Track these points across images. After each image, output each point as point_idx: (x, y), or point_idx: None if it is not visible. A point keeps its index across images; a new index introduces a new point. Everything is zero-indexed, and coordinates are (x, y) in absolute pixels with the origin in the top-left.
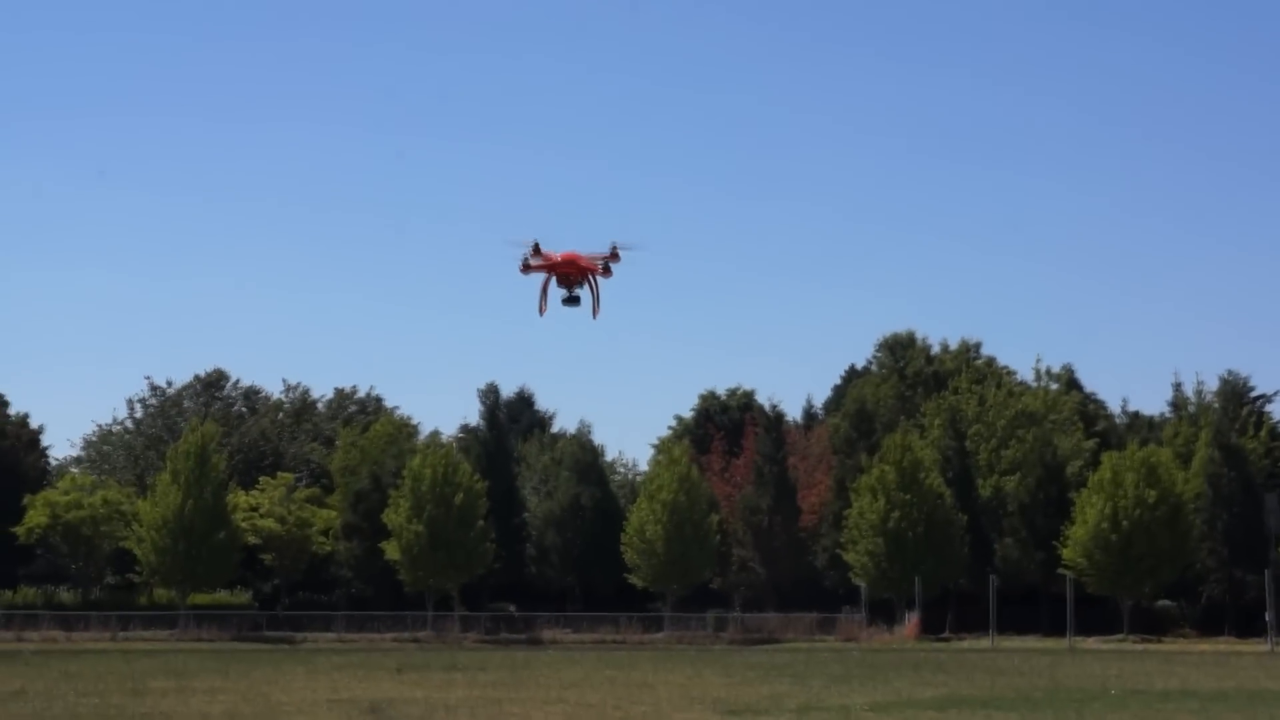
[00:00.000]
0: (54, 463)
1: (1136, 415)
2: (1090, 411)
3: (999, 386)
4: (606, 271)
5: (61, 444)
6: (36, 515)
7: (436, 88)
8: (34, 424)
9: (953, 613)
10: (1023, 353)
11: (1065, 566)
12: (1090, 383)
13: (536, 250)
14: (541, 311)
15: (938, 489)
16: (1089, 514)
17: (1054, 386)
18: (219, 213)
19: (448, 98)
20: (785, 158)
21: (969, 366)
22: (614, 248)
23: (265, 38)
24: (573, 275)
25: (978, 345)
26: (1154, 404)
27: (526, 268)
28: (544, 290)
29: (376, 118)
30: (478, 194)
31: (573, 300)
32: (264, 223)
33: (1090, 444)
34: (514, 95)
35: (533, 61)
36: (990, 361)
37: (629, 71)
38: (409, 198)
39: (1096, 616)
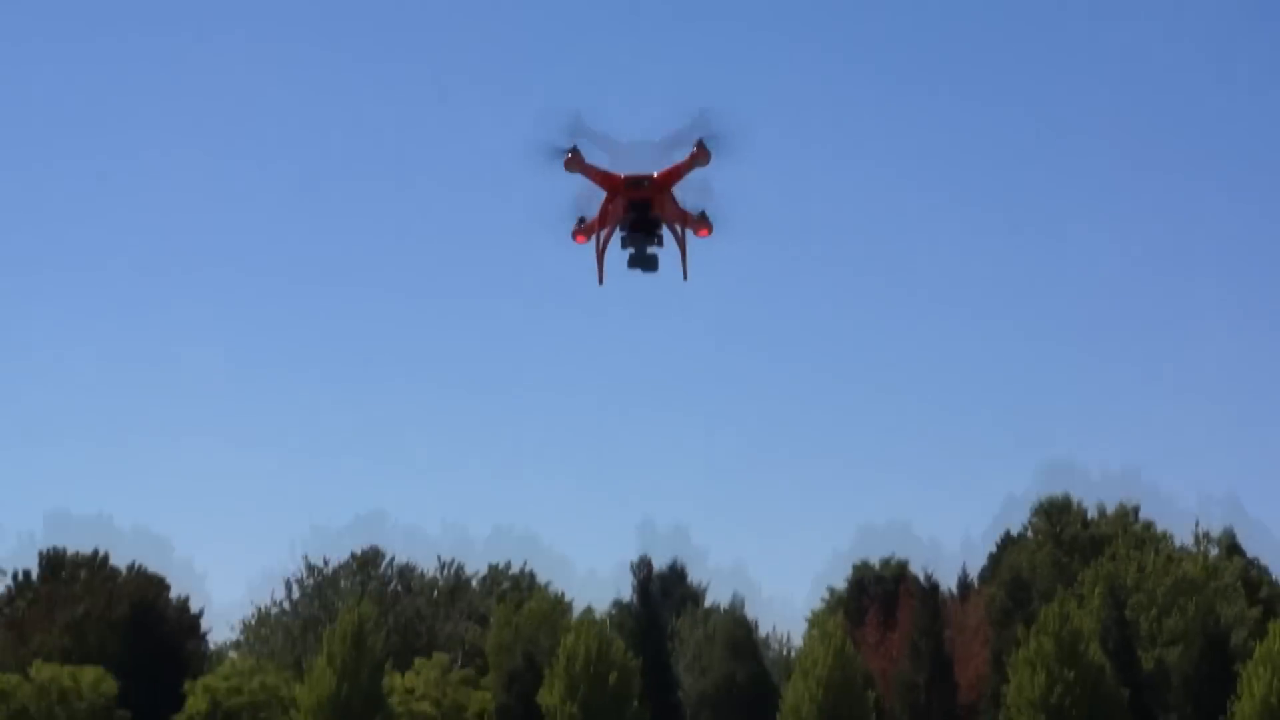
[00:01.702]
0: (213, 646)
1: None
2: (1254, 578)
3: (1158, 552)
4: (703, 225)
5: (221, 627)
6: (197, 702)
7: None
8: (194, 608)
9: None
10: (1182, 516)
11: None
12: (1252, 548)
13: (577, 157)
14: (600, 279)
15: (1098, 662)
16: (1255, 687)
17: (1215, 551)
18: (370, 391)
19: None
20: (931, 327)
21: (1126, 531)
22: (700, 143)
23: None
24: (648, 208)
25: (1135, 509)
26: None
27: (581, 229)
28: (602, 247)
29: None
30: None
31: (645, 261)
32: (413, 396)
33: (1255, 612)
34: None
35: None
36: (1149, 526)
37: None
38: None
39: None
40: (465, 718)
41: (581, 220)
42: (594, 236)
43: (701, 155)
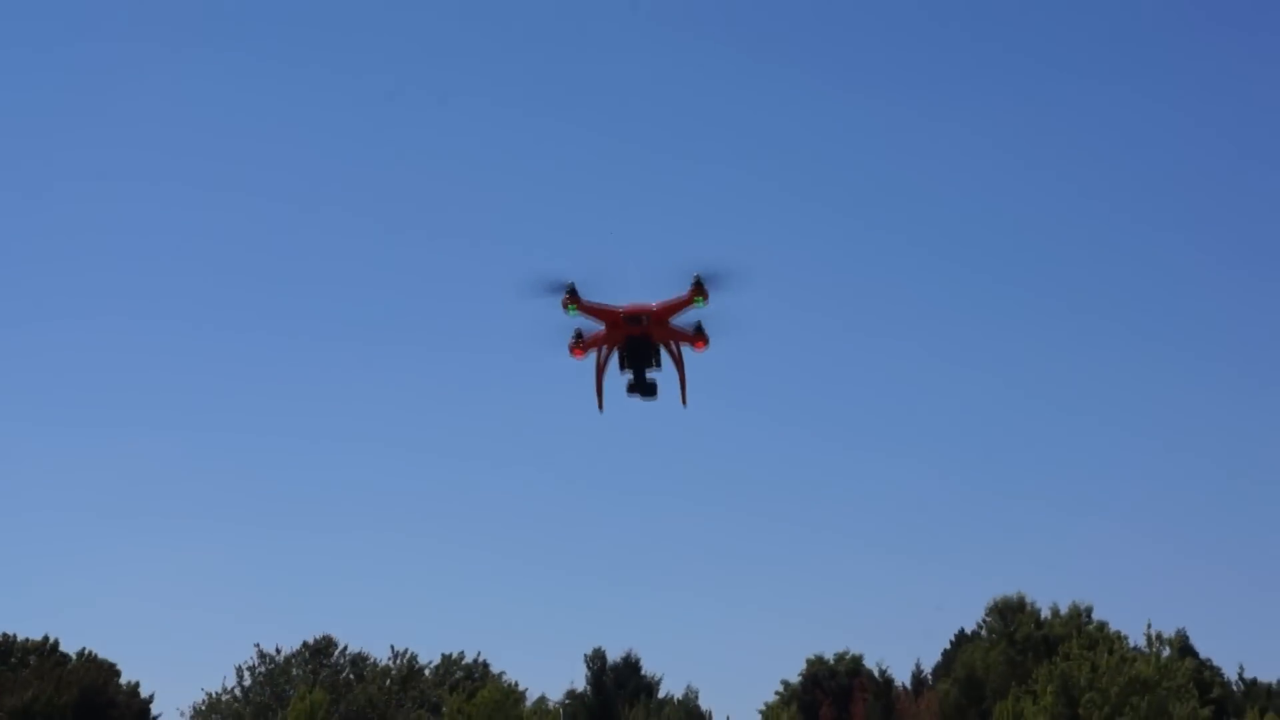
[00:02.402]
0: None
1: (1254, 683)
2: (1206, 679)
3: (1111, 652)
4: (700, 339)
5: (171, 713)
6: None
7: None
8: (144, 693)
9: None
10: (1134, 617)
11: None
12: (1204, 648)
13: (574, 296)
14: (600, 405)
15: None
16: None
17: (1167, 652)
18: (320, 478)
19: None
20: (890, 420)
21: (1080, 632)
22: (697, 280)
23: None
24: (646, 340)
25: (1089, 609)
26: (1272, 671)
27: (579, 344)
28: (601, 371)
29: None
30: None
31: (644, 388)
32: (366, 486)
33: (1206, 713)
34: None
35: None
36: (1102, 626)
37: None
38: (508, 449)
39: None
40: None
41: (579, 335)
42: (594, 356)
43: (700, 294)
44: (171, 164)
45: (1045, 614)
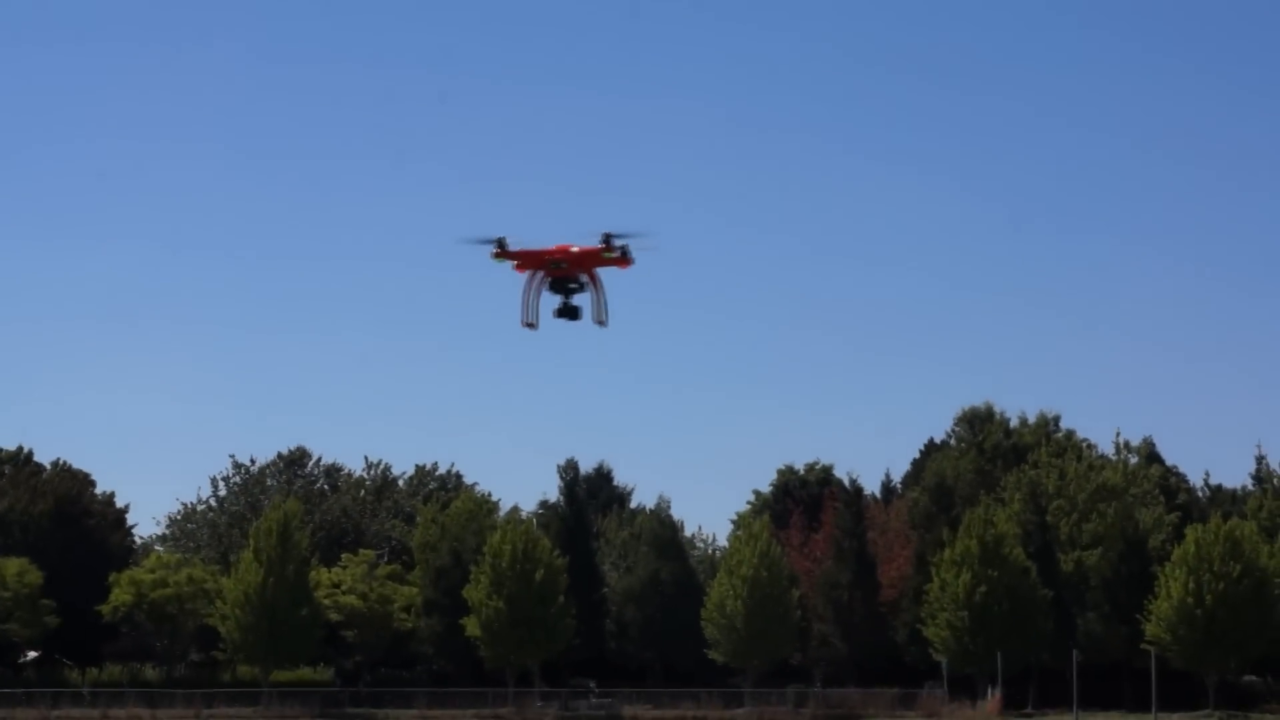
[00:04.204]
0: (139, 541)
1: (1219, 488)
2: (1172, 485)
3: (1079, 460)
4: (624, 260)
5: (147, 522)
6: (122, 593)
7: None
8: (120, 503)
9: (1035, 688)
10: (1102, 425)
11: (1149, 642)
12: (1171, 455)
13: (503, 248)
14: (531, 323)
15: (1021, 563)
16: (1173, 588)
17: (1134, 460)
18: (297, 290)
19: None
20: (863, 230)
21: (1049, 440)
22: (606, 237)
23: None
24: (569, 273)
25: (1057, 418)
26: (1236, 477)
27: (503, 252)
28: (529, 293)
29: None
30: None
31: (569, 311)
32: (342, 299)
33: (1172, 518)
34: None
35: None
36: (1070, 435)
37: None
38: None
39: (1181, 692)
40: (392, 610)
41: (500, 242)
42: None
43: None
44: None
45: (1014, 423)
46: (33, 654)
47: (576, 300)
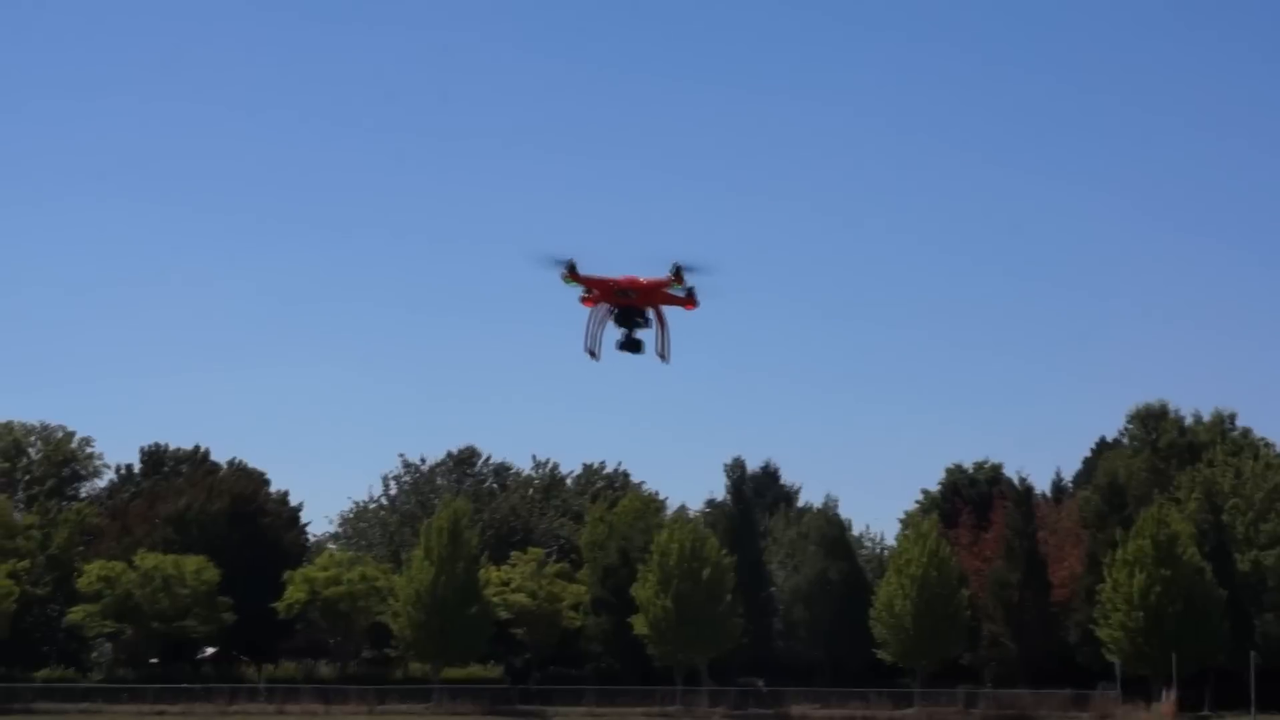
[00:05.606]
0: (312, 539)
1: None
2: None
3: (1256, 458)
4: (690, 302)
5: (320, 521)
6: (296, 591)
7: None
8: (293, 501)
9: (1211, 690)
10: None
11: None
12: None
13: (573, 272)
14: (595, 354)
15: (1196, 563)
16: None
17: None
18: (467, 290)
19: None
20: (1031, 237)
21: (1224, 438)
22: (676, 269)
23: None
24: (635, 306)
25: (1233, 416)
26: None
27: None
28: (593, 321)
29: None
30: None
31: (633, 345)
32: (510, 299)
33: None
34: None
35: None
36: (1246, 433)
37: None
38: None
39: None
40: (560, 608)
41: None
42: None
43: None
44: None
45: (1189, 421)
46: (210, 650)
47: (640, 334)
